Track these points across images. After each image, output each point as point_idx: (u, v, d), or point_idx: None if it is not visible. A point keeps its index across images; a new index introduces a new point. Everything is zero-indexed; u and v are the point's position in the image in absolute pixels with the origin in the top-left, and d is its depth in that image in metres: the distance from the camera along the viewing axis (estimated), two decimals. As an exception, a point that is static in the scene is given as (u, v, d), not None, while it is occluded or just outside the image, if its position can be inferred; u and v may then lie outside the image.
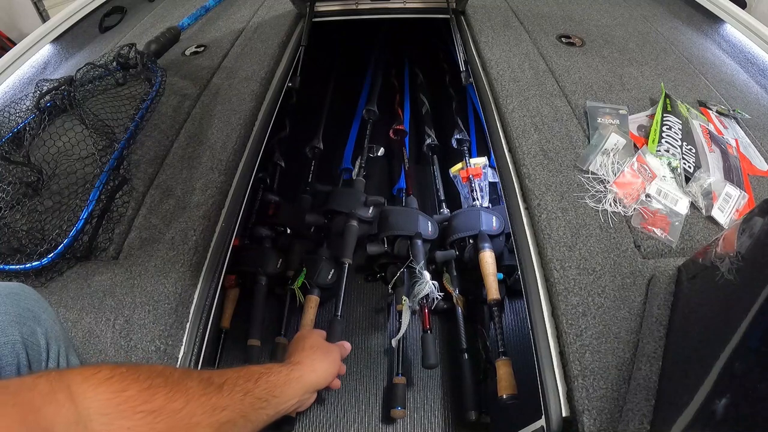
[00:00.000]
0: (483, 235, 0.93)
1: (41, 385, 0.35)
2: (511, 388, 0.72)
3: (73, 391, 0.36)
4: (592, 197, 0.71)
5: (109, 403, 0.38)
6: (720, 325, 0.41)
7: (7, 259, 0.65)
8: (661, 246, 0.66)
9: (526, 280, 0.65)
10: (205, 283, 0.66)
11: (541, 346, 0.58)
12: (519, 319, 0.94)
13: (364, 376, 0.87)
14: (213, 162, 0.81)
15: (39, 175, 0.76)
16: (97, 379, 0.38)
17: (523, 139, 0.81)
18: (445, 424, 0.82)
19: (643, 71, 1.00)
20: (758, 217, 0.43)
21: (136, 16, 1.40)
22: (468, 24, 1.17)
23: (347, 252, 0.94)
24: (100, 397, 0.37)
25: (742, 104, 0.95)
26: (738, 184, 0.75)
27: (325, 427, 0.81)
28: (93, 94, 0.92)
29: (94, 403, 0.37)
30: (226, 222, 0.74)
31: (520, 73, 0.96)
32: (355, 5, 1.28)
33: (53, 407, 0.35)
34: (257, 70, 1.03)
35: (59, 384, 0.36)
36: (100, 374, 0.39)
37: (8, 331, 0.45)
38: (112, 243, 0.70)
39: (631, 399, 0.48)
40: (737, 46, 1.14)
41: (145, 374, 0.41)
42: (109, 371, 0.39)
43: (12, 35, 2.19)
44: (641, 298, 0.58)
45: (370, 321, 0.97)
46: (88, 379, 0.38)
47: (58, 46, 1.27)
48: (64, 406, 0.35)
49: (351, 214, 0.99)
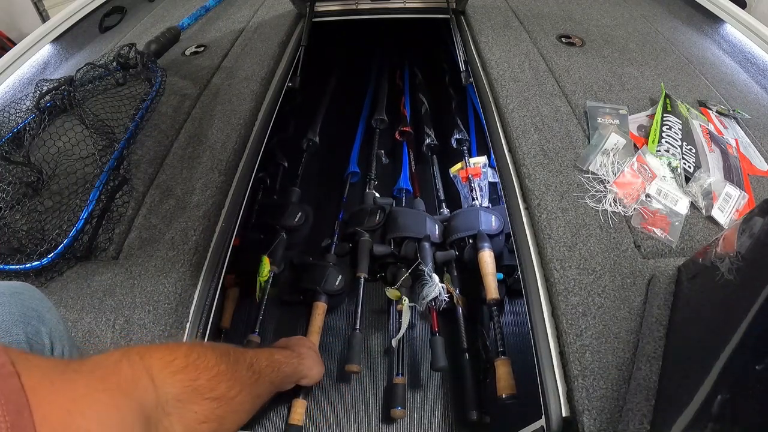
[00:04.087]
0: (482, 235, 0.93)
1: (125, 370, 0.37)
2: (510, 387, 0.72)
3: (154, 376, 0.39)
4: (592, 197, 0.71)
5: (184, 391, 0.41)
6: (720, 325, 0.41)
7: (7, 259, 0.65)
8: (661, 246, 0.66)
9: (526, 280, 0.65)
10: (205, 283, 0.66)
11: (541, 346, 0.58)
12: (519, 319, 0.94)
13: (364, 376, 0.87)
14: (213, 162, 0.81)
15: (39, 175, 0.76)
16: (175, 367, 0.41)
17: (523, 139, 0.81)
18: (445, 424, 0.82)
19: (643, 71, 1.00)
20: (758, 217, 0.43)
21: (136, 16, 1.40)
22: (468, 24, 1.17)
23: (362, 266, 0.95)
24: (177, 385, 0.41)
25: (742, 104, 0.95)
26: (738, 184, 0.75)
27: (325, 427, 0.81)
28: (93, 94, 0.92)
29: (172, 389, 0.40)
30: (226, 222, 0.74)
31: (520, 73, 0.96)
32: (355, 5, 1.28)
33: (140, 392, 0.37)
34: (257, 70, 1.03)
35: (141, 369, 0.38)
36: (177, 362, 0.42)
37: (13, 331, 0.45)
38: (112, 243, 0.70)
39: (631, 399, 0.48)
40: (737, 46, 1.14)
41: (212, 361, 0.46)
42: (183, 360, 0.43)
43: (12, 35, 2.19)
44: (641, 298, 0.58)
45: (370, 321, 0.97)
46: (167, 366, 0.41)
47: (58, 46, 1.27)
48: (148, 391, 0.38)
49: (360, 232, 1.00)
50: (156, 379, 0.39)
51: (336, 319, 0.97)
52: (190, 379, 0.42)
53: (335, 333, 0.95)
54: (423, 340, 0.93)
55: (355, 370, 0.81)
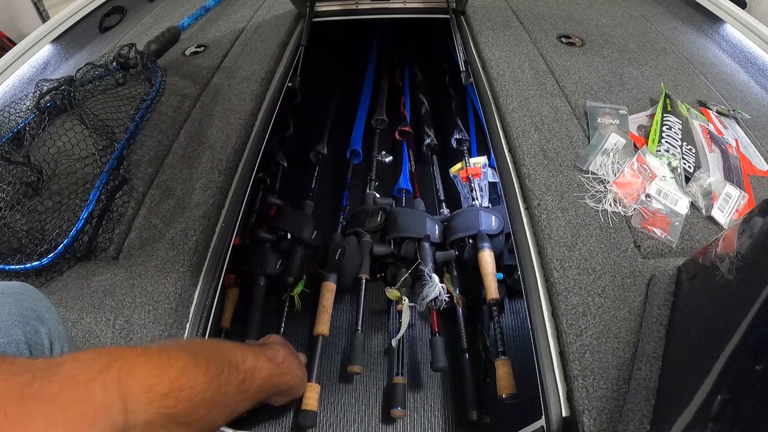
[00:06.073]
0: (482, 235, 0.93)
1: (96, 394, 0.33)
2: (510, 387, 0.72)
3: (128, 403, 0.35)
4: (592, 197, 0.71)
5: (157, 417, 0.38)
6: (720, 325, 0.41)
7: (7, 259, 0.65)
8: (661, 246, 0.66)
9: (526, 280, 0.65)
10: (205, 283, 0.66)
11: (541, 346, 0.58)
12: (519, 319, 0.94)
13: (364, 376, 0.87)
14: (213, 162, 0.81)
15: (39, 175, 0.76)
16: (155, 394, 0.38)
17: (523, 139, 0.81)
18: (445, 424, 0.82)
19: (643, 71, 1.00)
20: (758, 217, 0.43)
21: (136, 16, 1.40)
22: (468, 24, 1.17)
23: (364, 267, 0.95)
24: (151, 412, 0.37)
25: (742, 104, 0.95)
26: (738, 184, 0.75)
27: (325, 427, 0.81)
28: (93, 94, 0.92)
29: (145, 416, 0.37)
30: (226, 222, 0.74)
31: (520, 73, 0.96)
32: (355, 5, 1.28)
33: (108, 419, 0.33)
34: (257, 70, 1.03)
35: (115, 395, 0.35)
36: (159, 388, 0.38)
37: (12, 331, 0.45)
38: (112, 243, 0.70)
39: (631, 399, 0.48)
40: (737, 46, 1.14)
41: (200, 387, 0.42)
42: (168, 386, 0.39)
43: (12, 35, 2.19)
44: (641, 298, 0.58)
45: (370, 321, 0.97)
46: (146, 392, 0.37)
47: (58, 46, 1.27)
48: (117, 418, 0.34)
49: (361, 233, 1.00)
50: (129, 405, 0.35)
51: (336, 319, 0.97)
52: (168, 407, 0.39)
53: (336, 333, 0.95)
54: (423, 340, 0.93)
55: (357, 370, 0.81)
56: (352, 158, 1.25)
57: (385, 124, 1.36)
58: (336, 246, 0.94)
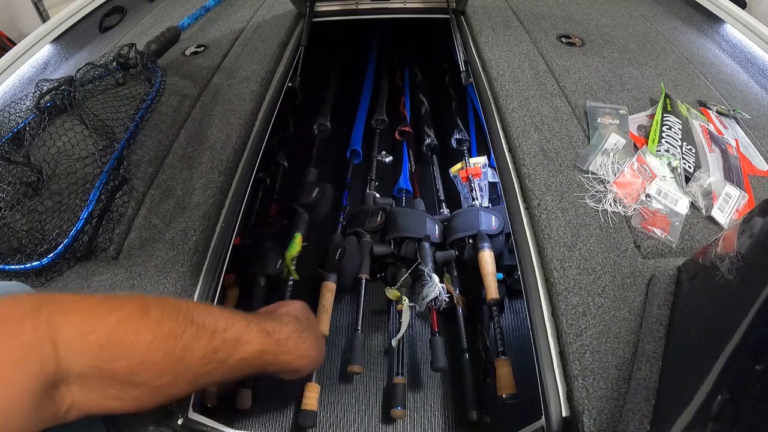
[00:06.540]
0: (482, 235, 0.93)
1: (26, 333, 0.31)
2: (510, 387, 0.72)
3: (59, 346, 0.33)
4: (592, 197, 0.71)
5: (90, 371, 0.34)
6: (720, 325, 0.41)
7: (7, 259, 0.65)
8: (661, 246, 0.66)
9: (526, 280, 0.65)
10: (205, 283, 0.66)
11: (541, 346, 0.58)
12: (519, 319, 0.94)
13: (364, 376, 0.87)
14: (213, 162, 0.81)
15: (39, 175, 0.76)
16: (88, 343, 0.34)
17: (523, 139, 0.81)
18: (445, 424, 0.82)
19: (643, 71, 1.00)
20: (758, 217, 0.43)
21: (136, 16, 1.40)
22: (468, 24, 1.17)
23: (364, 267, 0.95)
24: (84, 362, 0.34)
25: (742, 104, 0.95)
26: (738, 184, 0.75)
27: (325, 427, 0.81)
28: (93, 94, 0.92)
29: (77, 366, 0.33)
30: (226, 222, 0.74)
31: (520, 73, 0.96)
32: (355, 5, 1.28)
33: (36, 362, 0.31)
34: (257, 70, 1.03)
35: (45, 336, 0.32)
36: (93, 338, 0.34)
37: None
38: (112, 243, 0.70)
39: (631, 399, 0.48)
40: (737, 46, 1.14)
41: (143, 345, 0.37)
42: (103, 336, 0.35)
43: (12, 35, 2.19)
44: (641, 298, 0.58)
45: (370, 321, 0.97)
46: (79, 339, 0.34)
47: (58, 46, 1.27)
48: (46, 361, 0.32)
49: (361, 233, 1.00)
50: (61, 351, 0.32)
51: (337, 319, 0.97)
52: (104, 361, 0.35)
53: (336, 333, 0.95)
54: (423, 340, 0.93)
55: (357, 371, 0.81)
56: (352, 158, 1.26)
57: (385, 124, 1.36)
58: (336, 246, 0.94)
